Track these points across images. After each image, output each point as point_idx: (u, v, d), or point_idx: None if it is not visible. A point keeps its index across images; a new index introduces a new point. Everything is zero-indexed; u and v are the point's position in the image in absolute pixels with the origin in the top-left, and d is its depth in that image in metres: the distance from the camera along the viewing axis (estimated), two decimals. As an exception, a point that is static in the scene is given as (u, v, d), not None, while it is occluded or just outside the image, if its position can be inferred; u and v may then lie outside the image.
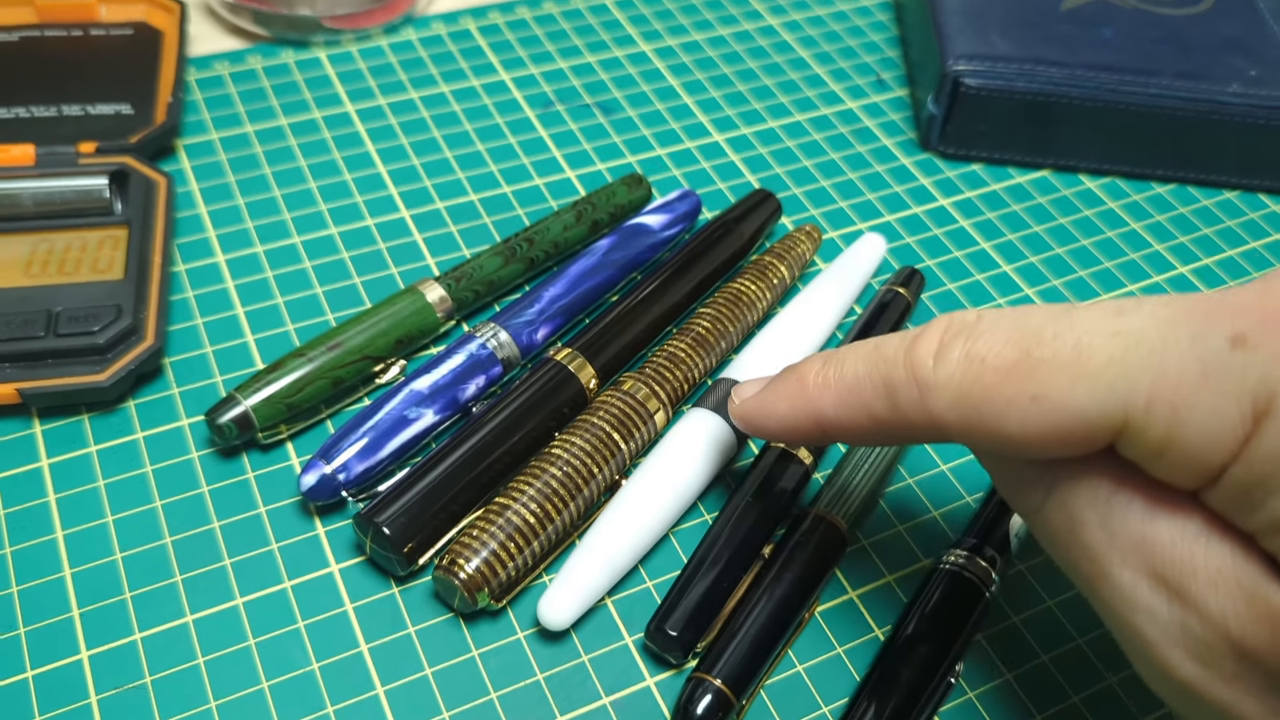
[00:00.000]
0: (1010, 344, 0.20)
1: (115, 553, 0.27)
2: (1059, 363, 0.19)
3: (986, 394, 0.20)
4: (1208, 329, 0.18)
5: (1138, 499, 0.19)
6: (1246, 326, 0.18)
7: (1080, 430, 0.19)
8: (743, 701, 0.25)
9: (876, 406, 0.22)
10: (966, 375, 0.20)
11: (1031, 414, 0.19)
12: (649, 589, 0.28)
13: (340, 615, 0.27)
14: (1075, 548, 0.20)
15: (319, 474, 0.28)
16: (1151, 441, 0.18)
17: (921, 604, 0.27)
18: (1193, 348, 0.18)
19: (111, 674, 0.25)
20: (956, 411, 0.20)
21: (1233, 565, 0.18)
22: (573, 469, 0.28)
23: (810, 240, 0.36)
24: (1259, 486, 0.18)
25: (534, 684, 0.26)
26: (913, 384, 0.21)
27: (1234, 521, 0.18)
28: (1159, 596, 0.19)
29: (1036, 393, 0.19)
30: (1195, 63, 0.40)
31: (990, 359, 0.20)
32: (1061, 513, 0.21)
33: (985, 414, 0.20)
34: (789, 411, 0.24)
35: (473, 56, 0.43)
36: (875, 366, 0.22)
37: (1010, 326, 0.20)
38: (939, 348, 0.21)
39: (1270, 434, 0.17)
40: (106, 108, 0.37)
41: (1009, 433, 0.20)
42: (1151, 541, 0.19)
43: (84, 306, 0.30)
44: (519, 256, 0.34)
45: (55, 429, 0.30)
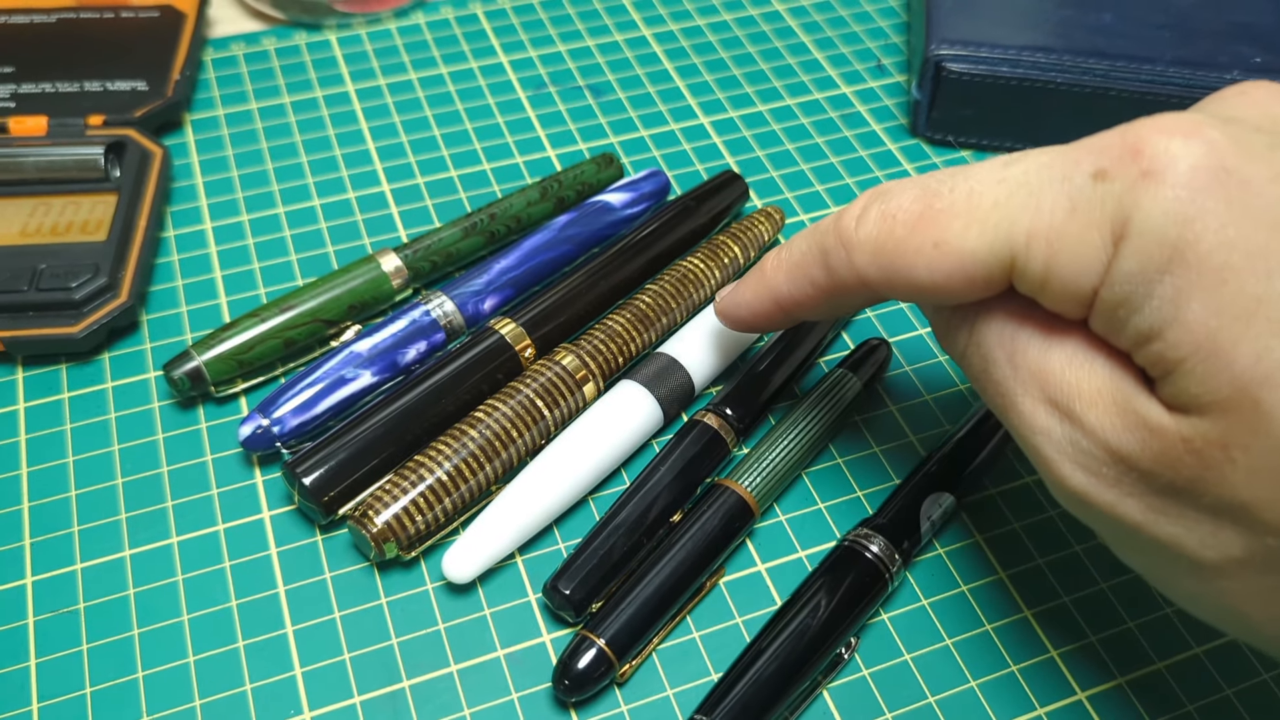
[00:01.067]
0: (915, 199, 0.22)
1: (70, 490, 0.30)
2: (954, 210, 0.21)
3: (899, 246, 0.22)
4: (1075, 167, 0.20)
5: (1036, 333, 0.21)
6: (1107, 162, 0.19)
7: (977, 270, 0.21)
8: (626, 663, 0.26)
9: (816, 274, 0.25)
10: (881, 231, 0.22)
11: (935, 260, 0.21)
12: (560, 550, 0.29)
13: (264, 558, 0.28)
14: (990, 384, 0.22)
15: (255, 425, 0.29)
16: (1035, 274, 0.20)
17: (817, 577, 0.27)
18: (1062, 186, 0.20)
19: (50, 599, 0.27)
20: (876, 264, 0.23)
21: (1109, 383, 0.20)
22: (492, 433, 0.29)
23: (770, 222, 0.36)
24: (1122, 305, 0.19)
25: (434, 633, 0.27)
26: (840, 246, 0.23)
27: (1111, 341, 0.20)
28: (1053, 418, 0.21)
29: (937, 239, 0.21)
30: (1196, 49, 0.38)
31: (900, 215, 0.22)
32: (978, 353, 0.23)
33: (898, 264, 0.22)
34: (754, 297, 0.27)
35: (475, 40, 0.45)
36: (813, 238, 0.25)
37: (917, 185, 0.22)
38: (860, 210, 0.23)
39: (1126, 255, 0.19)
40: (124, 84, 0.40)
41: (920, 279, 0.22)
42: (1046, 370, 0.21)
43: (66, 265, 0.33)
44: (479, 230, 0.35)
45: (35, 376, 0.32)
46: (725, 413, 0.30)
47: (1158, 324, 0.19)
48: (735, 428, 0.30)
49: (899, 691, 0.27)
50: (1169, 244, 0.18)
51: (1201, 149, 0.19)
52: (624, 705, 0.26)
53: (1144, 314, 0.19)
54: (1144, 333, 0.19)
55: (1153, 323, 0.19)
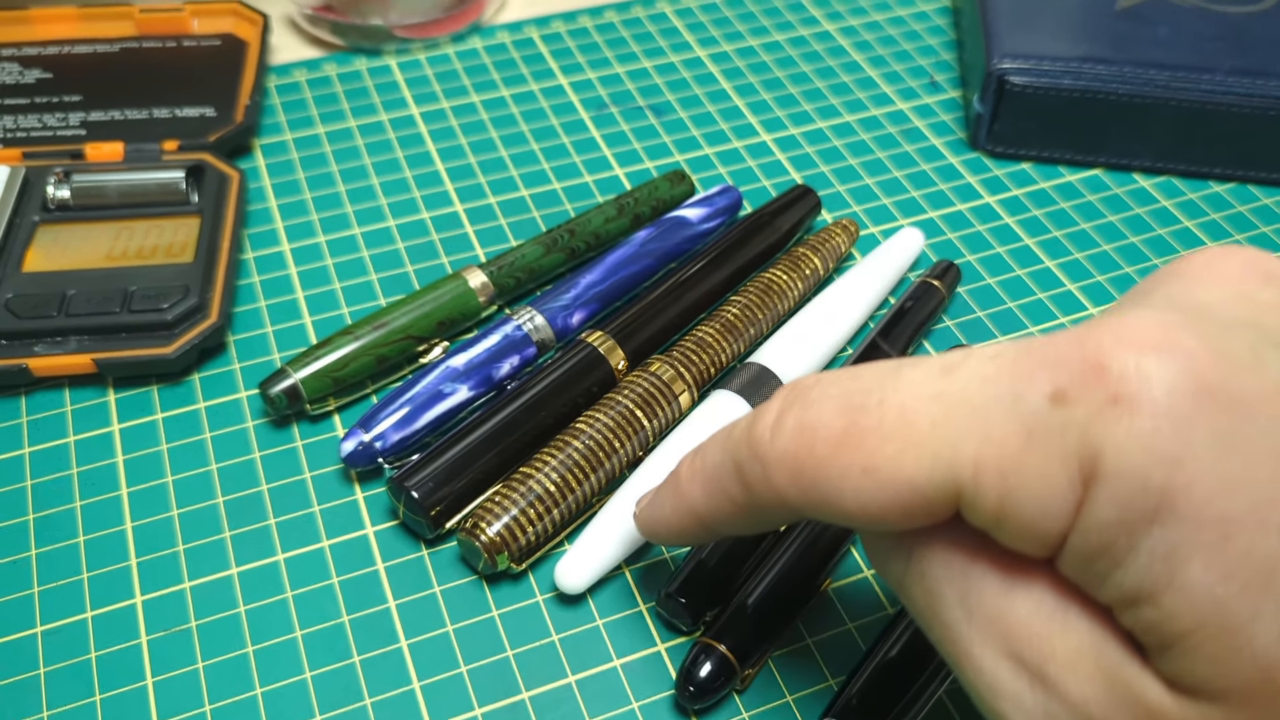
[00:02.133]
0: (838, 412, 0.18)
1: (172, 509, 0.30)
2: (884, 431, 0.18)
3: (820, 467, 0.18)
4: (1029, 385, 0.16)
5: (993, 571, 0.18)
6: (1065, 380, 0.16)
7: (916, 502, 0.18)
8: (747, 669, 0.26)
9: (733, 490, 0.21)
10: (800, 447, 0.19)
11: (865, 486, 0.18)
12: (666, 560, 0.29)
13: (372, 574, 0.28)
14: (937, 625, 0.19)
15: (357, 441, 0.30)
16: (987, 510, 0.17)
17: (931, 582, 0.27)
18: (1015, 407, 0.16)
19: (161, 617, 0.27)
20: (796, 486, 0.19)
21: (1091, 644, 0.17)
22: (595, 443, 0.29)
23: (847, 234, 0.36)
24: (1099, 557, 0.16)
25: (549, 644, 0.27)
26: (755, 461, 0.20)
27: (1090, 594, 0.17)
28: (1021, 681, 0.17)
29: (866, 464, 0.18)
30: (1253, 59, 0.39)
31: (820, 429, 0.19)
32: (920, 587, 0.19)
33: (822, 489, 0.19)
34: (672, 513, 0.24)
35: (534, 63, 0.45)
36: (726, 449, 0.21)
37: (839, 393, 0.19)
38: (775, 419, 0.20)
39: (1101, 500, 0.16)
40: (192, 110, 0.40)
41: (848, 507, 0.18)
42: (1008, 619, 0.17)
43: (156, 286, 0.33)
44: (560, 246, 0.35)
45: (127, 397, 0.32)
46: (822, 420, 0.30)
47: (1149, 586, 0.15)
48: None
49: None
50: (1154, 490, 0.15)
51: (1178, 365, 0.15)
52: (745, 712, 0.26)
53: (1129, 571, 0.16)
54: (1130, 593, 0.16)
55: (1142, 583, 0.16)
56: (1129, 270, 0.37)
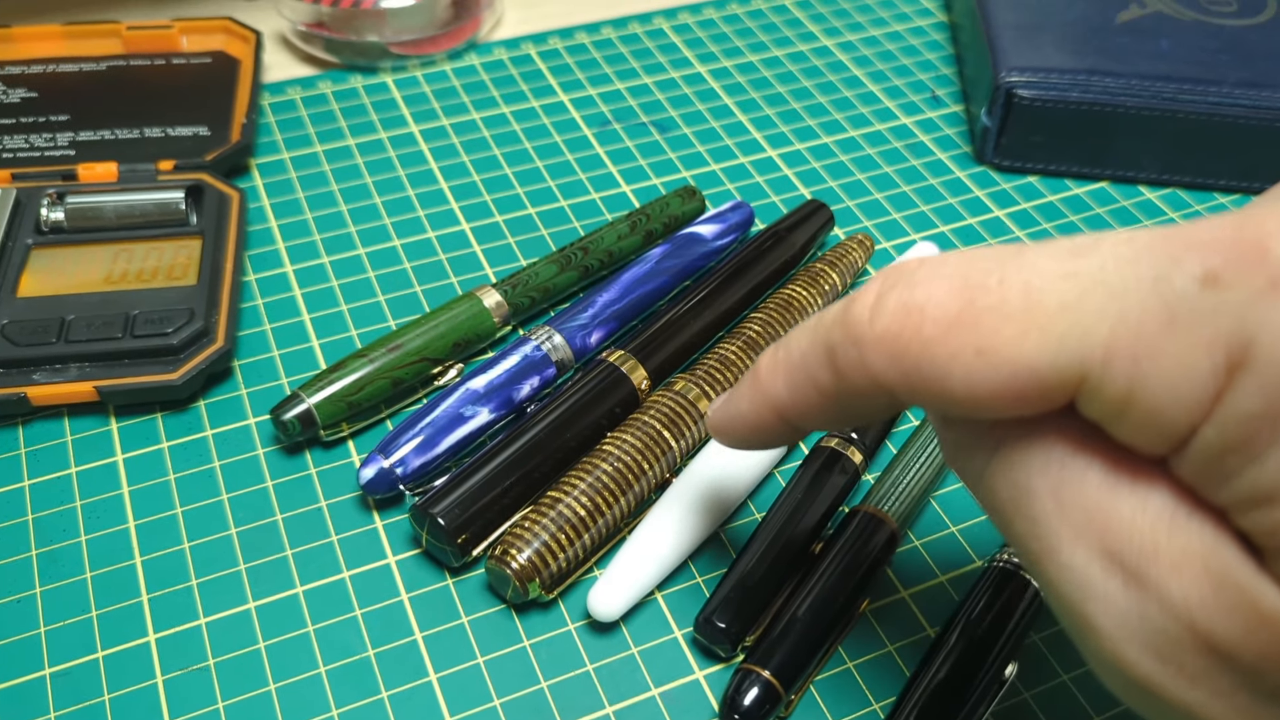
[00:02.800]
0: (952, 292, 0.17)
1: (183, 542, 0.28)
2: (1006, 311, 0.17)
3: (927, 348, 0.17)
4: (1175, 267, 0.15)
5: (1096, 466, 0.17)
6: (1219, 262, 0.15)
7: (1033, 386, 0.17)
8: (791, 695, 0.25)
9: (821, 376, 0.20)
10: (905, 327, 0.18)
11: (977, 369, 0.17)
12: (699, 584, 0.28)
13: (396, 605, 0.27)
14: (1021, 520, 0.18)
15: (377, 468, 0.28)
16: (1112, 399, 0.16)
17: (972, 602, 0.27)
18: (1156, 289, 0.15)
19: (177, 656, 0.26)
20: (897, 368, 0.18)
21: (1201, 546, 0.16)
22: (624, 465, 0.28)
23: (862, 249, 0.36)
24: (1233, 452, 0.15)
25: (584, 674, 0.26)
26: (850, 343, 0.19)
27: (1205, 495, 0.16)
28: (1114, 580, 0.16)
29: (981, 345, 0.17)
30: (1257, 71, 0.39)
31: (930, 308, 0.17)
32: (1007, 479, 0.18)
33: (927, 371, 0.17)
34: (750, 408, 0.22)
35: (533, 79, 0.45)
36: (817, 334, 0.20)
37: (953, 272, 0.17)
38: (875, 300, 0.18)
39: (1247, 390, 0.15)
40: (185, 129, 0.39)
41: (954, 391, 0.17)
42: (1108, 516, 0.16)
43: (159, 310, 0.31)
44: (574, 264, 0.34)
45: (130, 426, 0.31)
46: (852, 438, 0.30)
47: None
48: (864, 453, 0.30)
49: (1062, 712, 0.26)
50: None
51: None
52: (790, 740, 0.25)
53: (1266, 467, 0.15)
54: (1263, 490, 0.15)
55: (1278, 479, 0.15)
56: (1142, 282, 0.37)
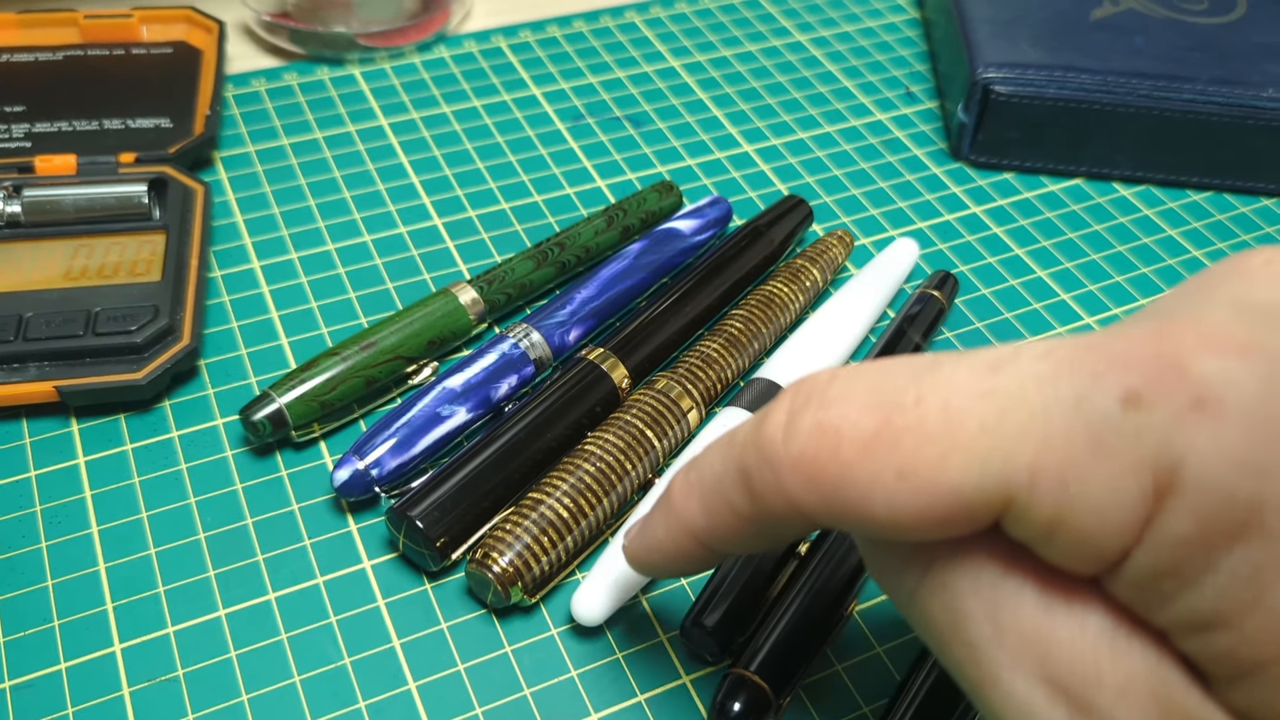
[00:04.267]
0: (867, 410, 0.17)
1: (149, 548, 0.27)
2: (925, 431, 0.16)
3: (846, 471, 0.17)
4: (1096, 386, 0.15)
5: (1030, 586, 0.16)
6: (1139, 381, 0.15)
7: (958, 510, 0.16)
8: (781, 699, 0.25)
9: (737, 502, 0.19)
10: (821, 449, 0.17)
11: (899, 493, 0.16)
12: (684, 587, 0.28)
13: (373, 611, 0.26)
14: (958, 645, 0.17)
15: (352, 469, 0.28)
16: (1039, 522, 0.15)
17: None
18: (1079, 410, 0.15)
19: (144, 666, 0.25)
20: (815, 492, 0.17)
21: (1144, 670, 0.15)
22: (606, 465, 0.28)
23: (843, 245, 0.36)
24: (1167, 577, 0.15)
25: (568, 680, 0.26)
26: (764, 466, 0.18)
27: (1142, 616, 0.15)
28: (1059, 710, 0.15)
29: (902, 468, 0.16)
30: (1230, 68, 0.40)
31: (845, 429, 0.17)
32: (940, 602, 0.17)
33: (847, 495, 0.17)
34: (666, 536, 0.21)
35: (504, 73, 0.44)
36: (729, 456, 0.19)
37: (867, 389, 0.17)
38: (787, 419, 0.18)
39: (1177, 514, 0.14)
40: (146, 121, 0.38)
41: (877, 516, 0.16)
42: (1047, 641, 0.16)
43: (122, 307, 0.30)
44: (550, 260, 0.34)
45: (92, 427, 0.30)
46: (836, 436, 0.29)
47: (1226, 609, 0.14)
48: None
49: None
50: (1240, 504, 0.14)
51: (1265, 369, 0.14)
52: (779, 745, 0.25)
53: (1204, 593, 0.14)
54: (1202, 616, 0.14)
55: (1217, 606, 0.14)
56: (1119, 279, 0.37)
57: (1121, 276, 0.37)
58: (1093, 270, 0.37)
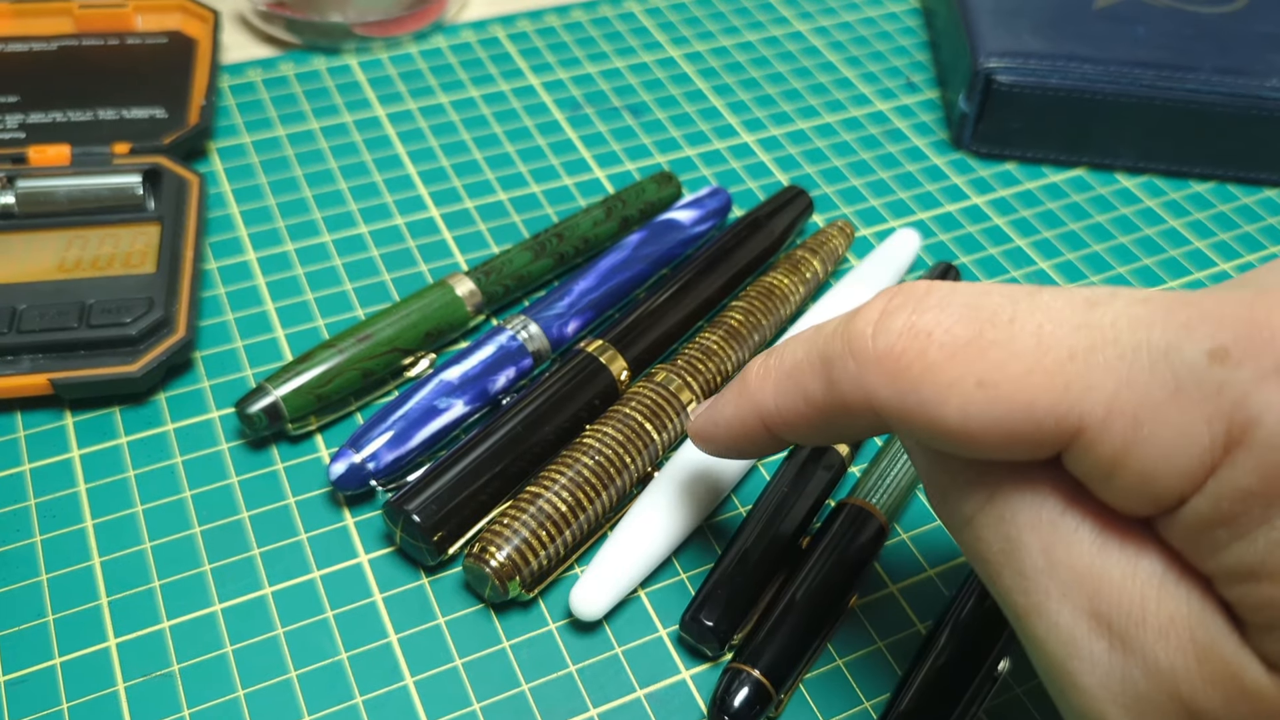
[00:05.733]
0: (961, 321, 0.17)
1: (144, 542, 0.27)
2: (1015, 349, 0.17)
3: (928, 372, 0.17)
4: (1186, 337, 0.16)
5: (1088, 525, 0.17)
6: (1229, 339, 0.15)
7: (1028, 429, 0.17)
8: (781, 694, 0.25)
9: (813, 388, 0.20)
10: (908, 349, 0.18)
11: (975, 401, 0.17)
12: (683, 581, 0.27)
13: (369, 605, 0.26)
14: (1009, 573, 0.18)
15: (348, 463, 0.27)
16: (1104, 456, 0.16)
17: (963, 597, 0.26)
18: (1167, 357, 0.16)
19: (139, 661, 0.25)
20: (893, 388, 0.18)
21: (1188, 614, 0.16)
22: (605, 458, 0.27)
23: (843, 235, 0.35)
24: (1223, 525, 0.15)
25: (566, 676, 0.25)
26: (848, 357, 0.19)
27: (1189, 559, 0.16)
28: (1100, 642, 0.16)
29: (984, 378, 0.17)
30: (1233, 58, 0.39)
31: (938, 334, 0.17)
32: (997, 531, 0.18)
33: (923, 396, 0.17)
34: (735, 413, 0.22)
35: (502, 62, 0.43)
36: (814, 345, 0.20)
37: (965, 303, 0.18)
38: (880, 317, 0.18)
39: (1243, 467, 0.15)
40: (141, 111, 0.38)
41: (947, 421, 0.17)
42: (1098, 577, 0.16)
43: (117, 299, 0.30)
44: (549, 251, 0.33)
45: (86, 420, 0.30)
46: (837, 429, 0.29)
47: (1274, 562, 0.15)
48: (850, 446, 0.29)
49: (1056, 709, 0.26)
50: None
51: None
52: (780, 740, 0.25)
53: (1254, 544, 0.15)
54: (1249, 566, 0.15)
55: (1266, 559, 0.15)
56: (1121, 270, 0.37)
57: (1124, 268, 0.37)
58: (1095, 261, 0.37)
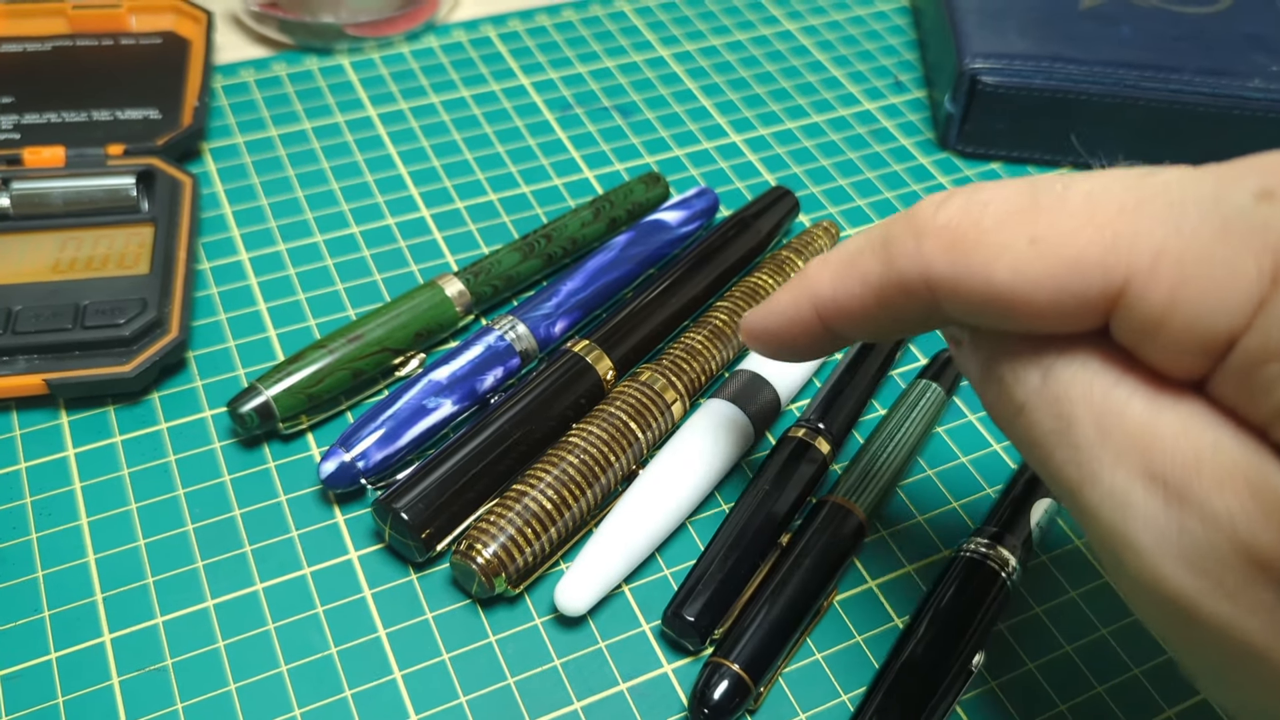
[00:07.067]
0: (1019, 192, 0.18)
1: (138, 539, 0.28)
2: (1066, 209, 0.17)
3: (983, 237, 0.18)
4: (1235, 184, 0.16)
5: (1140, 389, 0.17)
6: (1276, 181, 0.16)
7: (1076, 284, 0.17)
8: (760, 688, 0.25)
9: (871, 269, 0.20)
10: (966, 218, 0.18)
11: (1025, 258, 0.17)
12: (666, 577, 0.28)
13: (359, 601, 0.27)
14: (1062, 449, 0.18)
15: (338, 461, 0.28)
16: (1153, 306, 0.16)
17: (940, 592, 0.27)
18: (1215, 204, 0.16)
19: (133, 656, 0.25)
20: (949, 257, 0.18)
21: (1244, 461, 0.16)
22: (590, 457, 0.28)
23: (828, 236, 0.36)
24: (1274, 358, 0.15)
25: (551, 669, 0.26)
26: (909, 234, 0.19)
27: (1243, 411, 0.16)
28: (1155, 499, 0.16)
29: (1035, 235, 0.17)
30: (1216, 59, 0.40)
31: (994, 204, 0.18)
32: (1051, 411, 0.18)
33: (976, 258, 0.18)
34: (789, 301, 0.23)
35: (493, 62, 0.44)
36: (875, 231, 0.21)
37: (1023, 181, 0.19)
38: (943, 198, 0.19)
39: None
40: (135, 112, 0.38)
41: (999, 281, 0.18)
42: (1153, 436, 0.17)
43: (111, 300, 0.31)
44: (537, 252, 0.34)
45: (81, 419, 0.30)
46: (819, 428, 0.30)
47: None
48: (831, 443, 0.30)
49: (1029, 700, 0.26)
50: None
51: None
52: (759, 733, 0.25)
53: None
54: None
55: None
56: (1104, 269, 0.37)
57: (1106, 267, 0.37)
58: (1077, 260, 0.37)
